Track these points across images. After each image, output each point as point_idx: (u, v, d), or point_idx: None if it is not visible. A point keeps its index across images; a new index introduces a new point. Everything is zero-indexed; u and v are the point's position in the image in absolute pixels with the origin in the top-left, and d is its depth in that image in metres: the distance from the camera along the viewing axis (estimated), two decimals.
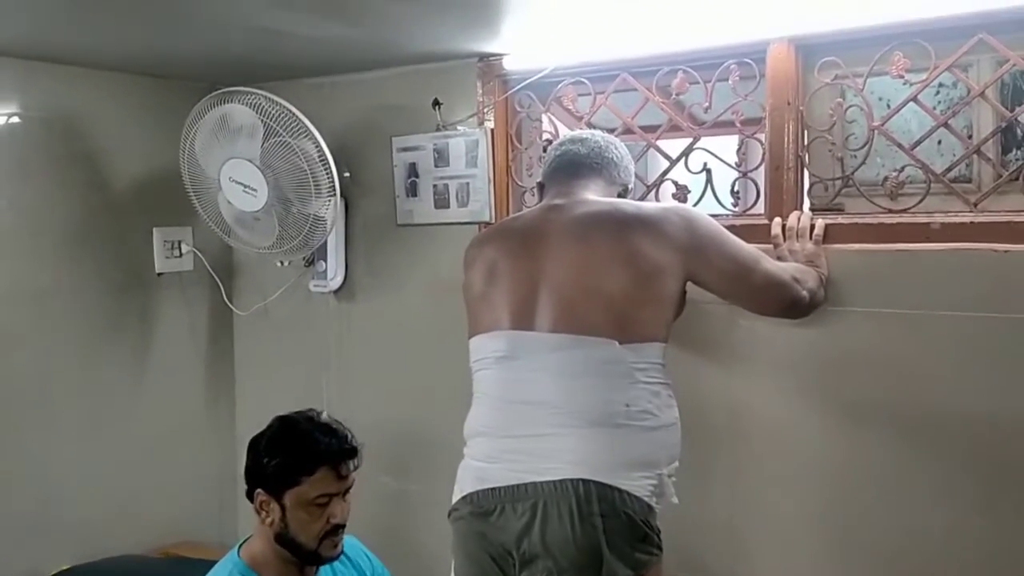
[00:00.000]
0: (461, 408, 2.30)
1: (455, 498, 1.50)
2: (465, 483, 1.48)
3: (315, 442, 1.71)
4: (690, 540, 1.89)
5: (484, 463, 1.46)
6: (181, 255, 2.65)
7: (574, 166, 1.68)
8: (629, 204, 1.56)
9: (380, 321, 2.49)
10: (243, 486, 1.78)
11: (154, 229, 2.59)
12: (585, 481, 1.36)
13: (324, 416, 1.83)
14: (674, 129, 2.03)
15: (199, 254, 2.66)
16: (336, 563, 1.81)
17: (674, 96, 1.99)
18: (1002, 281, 1.64)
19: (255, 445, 1.76)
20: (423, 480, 2.42)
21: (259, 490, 1.71)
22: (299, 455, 1.70)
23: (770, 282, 1.59)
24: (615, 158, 1.71)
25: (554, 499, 1.36)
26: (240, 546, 1.76)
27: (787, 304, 1.63)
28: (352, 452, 1.74)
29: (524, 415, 1.43)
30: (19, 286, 2.32)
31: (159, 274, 2.61)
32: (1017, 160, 1.71)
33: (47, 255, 2.37)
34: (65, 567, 2.37)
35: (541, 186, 1.75)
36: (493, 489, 1.42)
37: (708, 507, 1.91)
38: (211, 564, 2.41)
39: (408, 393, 2.45)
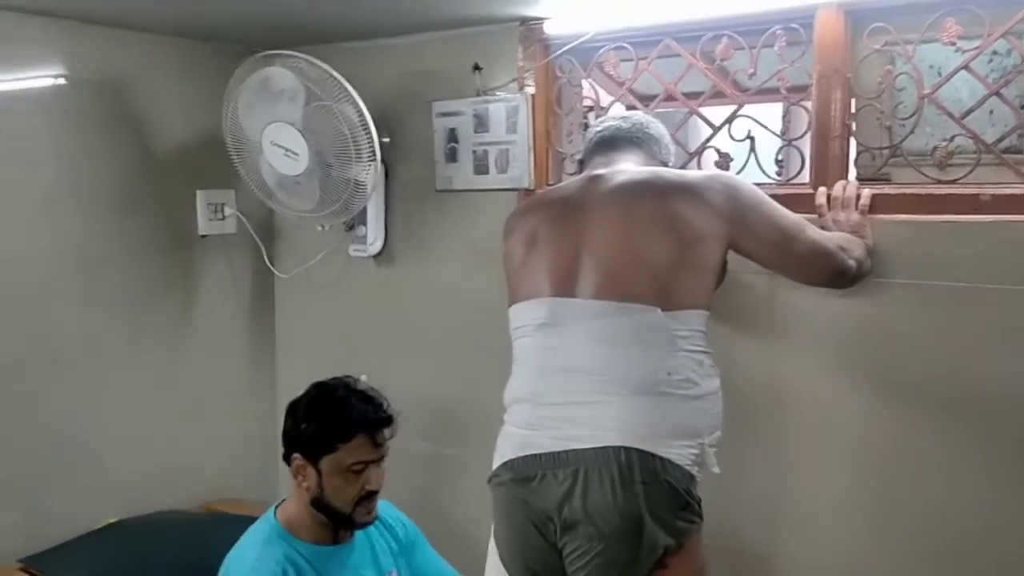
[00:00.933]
0: (498, 375, 2.31)
1: (495, 464, 1.51)
2: (506, 449, 1.49)
3: (352, 409, 1.73)
4: (726, 511, 1.88)
5: (525, 430, 1.46)
6: (224, 218, 2.67)
7: (615, 140, 1.68)
8: (671, 171, 1.55)
9: (419, 286, 2.50)
10: (282, 447, 1.81)
11: (197, 192, 2.62)
12: (627, 449, 1.36)
13: (362, 383, 1.84)
14: (717, 96, 2.00)
15: (242, 217, 2.69)
16: (371, 526, 1.83)
17: (718, 62, 1.96)
18: None
19: (293, 410, 1.78)
20: (459, 445, 2.44)
21: (296, 455, 1.73)
22: (336, 422, 1.71)
23: (815, 251, 1.57)
24: (656, 134, 1.72)
25: (595, 466, 1.37)
26: (276, 507, 1.79)
27: (832, 274, 1.61)
28: (388, 420, 1.76)
29: (566, 382, 1.43)
30: (67, 248, 2.36)
31: (202, 236, 2.64)
32: None
33: (93, 217, 2.41)
34: (113, 519, 2.44)
35: (581, 163, 1.75)
36: (534, 455, 1.43)
37: (745, 479, 1.90)
38: (252, 520, 2.48)
39: (446, 359, 2.47)
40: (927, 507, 1.76)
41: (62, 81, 2.33)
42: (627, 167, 1.58)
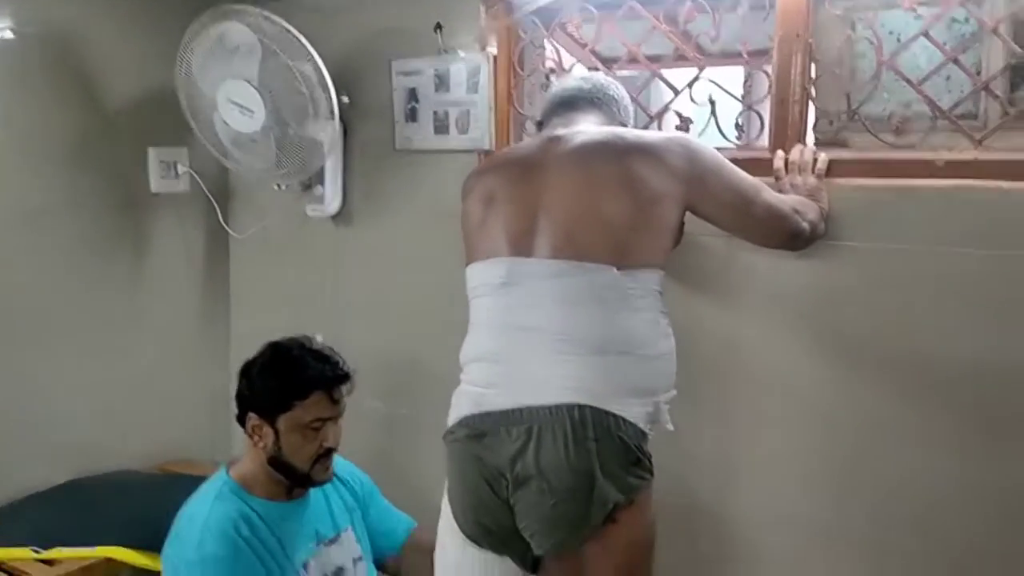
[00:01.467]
0: (455, 335, 2.30)
1: (451, 421, 1.51)
2: (462, 407, 1.49)
3: (308, 367, 1.71)
4: (678, 468, 1.91)
5: (481, 388, 1.46)
6: (177, 176, 2.62)
7: (575, 100, 1.68)
8: (630, 132, 1.55)
9: (377, 246, 2.48)
10: (236, 408, 1.79)
11: (149, 149, 2.56)
12: (581, 406, 1.37)
13: (317, 342, 1.83)
14: (680, 59, 2.00)
15: (195, 175, 2.63)
16: (327, 483, 1.83)
17: (681, 25, 1.96)
18: (1003, 219, 1.63)
19: (247, 371, 1.75)
20: (412, 405, 2.44)
21: (252, 414, 1.71)
22: (293, 380, 1.70)
23: (771, 213, 1.58)
24: (616, 95, 1.71)
25: (549, 423, 1.37)
26: (228, 466, 1.77)
27: (787, 236, 1.63)
28: (345, 377, 1.75)
29: (522, 341, 1.43)
30: (15, 205, 2.31)
31: (155, 194, 2.59)
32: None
33: (43, 174, 2.35)
34: (64, 480, 2.41)
35: (540, 124, 1.74)
36: (489, 413, 1.43)
37: (697, 437, 1.92)
38: (201, 479, 2.47)
39: (403, 319, 2.45)
40: (875, 466, 1.79)
41: (8, 34, 2.26)
42: (586, 128, 1.58)
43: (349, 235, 2.53)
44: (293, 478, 1.72)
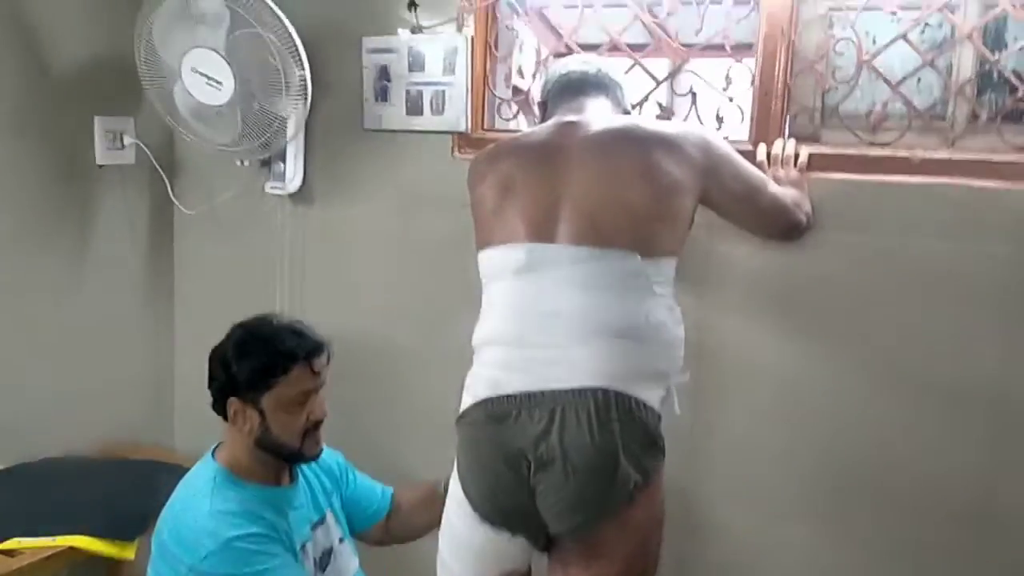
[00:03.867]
0: (419, 318, 2.32)
1: (465, 404, 1.51)
2: (478, 389, 1.49)
3: (283, 341, 1.67)
4: None
5: (499, 371, 1.47)
6: (123, 147, 2.51)
7: (582, 84, 1.69)
8: (648, 121, 1.57)
9: (340, 228, 2.43)
10: (180, 387, 1.73)
11: (95, 118, 2.44)
12: (604, 389, 1.40)
13: (283, 317, 1.78)
14: (659, 51, 2.03)
15: (143, 146, 2.52)
16: (306, 468, 1.80)
17: (665, 16, 1.99)
18: (972, 214, 1.74)
19: (220, 356, 1.69)
20: (370, 386, 2.42)
21: (232, 399, 1.66)
22: (271, 357, 1.65)
23: (775, 206, 1.64)
24: (619, 80, 1.75)
25: (572, 405, 1.39)
26: (213, 453, 1.72)
27: (787, 227, 1.70)
28: (323, 346, 1.71)
29: (543, 326, 1.44)
30: None
31: (100, 166, 2.47)
32: (991, 101, 1.81)
33: None
34: (2, 466, 2.29)
35: (543, 105, 1.74)
36: (509, 396, 1.43)
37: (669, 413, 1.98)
38: (152, 464, 2.41)
39: (365, 304, 2.42)
40: (843, 445, 1.89)
41: None
42: (600, 114, 1.59)
43: (310, 215, 2.47)
44: (283, 456, 1.68)
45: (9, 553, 1.89)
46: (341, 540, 1.82)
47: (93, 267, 2.50)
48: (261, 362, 1.64)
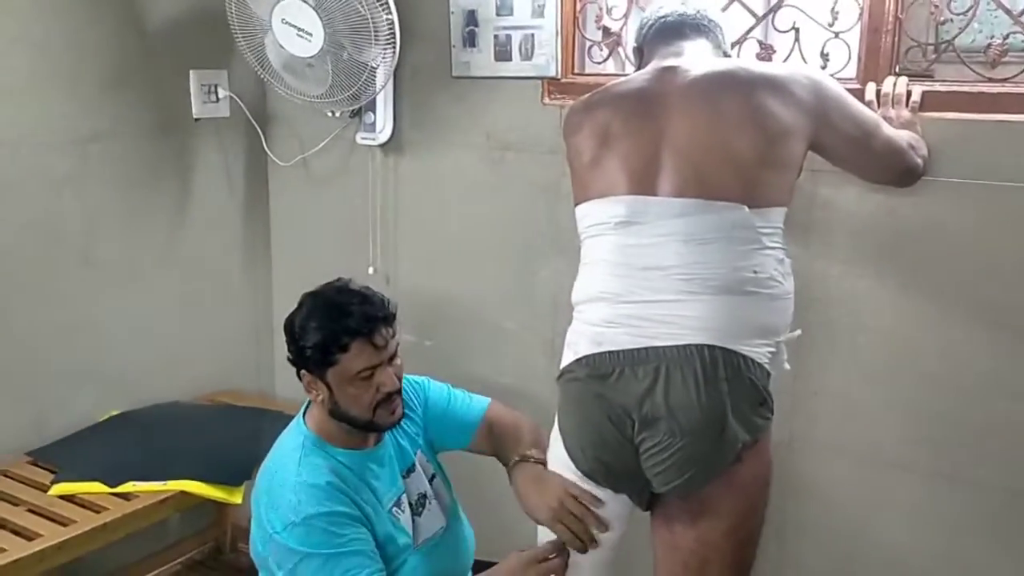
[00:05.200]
0: (505, 272, 2.30)
1: (567, 360, 1.49)
2: (580, 346, 1.47)
3: (344, 316, 1.60)
4: None
5: (602, 327, 1.44)
6: (218, 100, 2.54)
7: (680, 27, 1.60)
8: (754, 63, 1.50)
9: (429, 177, 2.43)
10: (279, 337, 1.72)
11: (191, 72, 2.47)
12: (711, 347, 1.36)
13: (354, 282, 1.71)
14: None
15: (237, 99, 2.55)
16: None
17: None
18: None
19: (289, 328, 1.66)
20: (465, 338, 2.43)
21: (303, 371, 1.64)
22: (329, 333, 1.60)
23: (889, 149, 1.56)
24: (718, 21, 1.65)
25: (677, 363, 1.36)
26: (304, 413, 1.72)
27: (902, 171, 1.61)
28: (385, 319, 1.64)
29: (646, 281, 1.40)
30: (59, 131, 2.24)
31: (196, 120, 2.51)
32: None
33: (84, 99, 2.27)
34: (115, 412, 2.39)
35: (639, 51, 1.68)
36: (612, 352, 1.41)
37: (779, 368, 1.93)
38: (254, 411, 2.49)
39: (456, 252, 2.42)
40: (951, 402, 1.81)
41: None
42: (700, 57, 1.53)
43: (400, 165, 2.47)
44: (358, 427, 1.67)
45: (124, 496, 1.99)
46: (433, 478, 1.82)
47: (193, 219, 2.57)
48: (321, 338, 1.60)
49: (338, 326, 1.59)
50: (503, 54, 2.21)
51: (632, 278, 1.42)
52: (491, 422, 1.84)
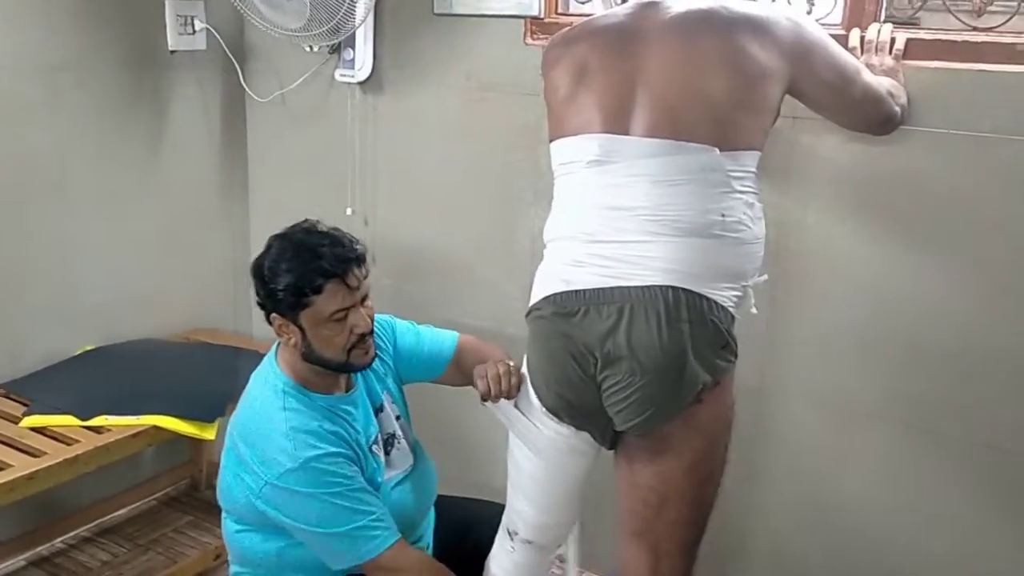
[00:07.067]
0: (483, 215, 2.29)
1: (535, 299, 1.49)
2: (547, 284, 1.46)
3: (316, 257, 1.59)
4: None
5: (570, 266, 1.43)
6: (194, 32, 2.49)
7: None
8: (737, 4, 1.46)
9: (409, 116, 2.39)
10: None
11: (166, 1, 2.42)
12: (675, 288, 1.36)
13: (322, 224, 1.68)
14: None
15: (213, 31, 2.50)
16: None
17: None
18: None
19: (258, 271, 1.63)
20: (443, 281, 2.43)
21: (274, 315, 1.62)
22: (302, 275, 1.58)
23: (868, 96, 1.54)
24: None
25: (641, 303, 1.36)
26: (276, 356, 1.70)
27: (881, 119, 1.60)
28: (356, 260, 1.62)
29: (614, 221, 1.39)
30: (31, 59, 2.19)
31: (172, 52, 2.46)
32: None
33: (58, 26, 2.22)
34: (90, 347, 2.38)
35: None
36: (577, 291, 1.41)
37: (745, 316, 1.94)
38: (229, 349, 2.47)
39: (434, 193, 2.40)
40: (924, 347, 1.82)
41: None
42: None
43: (379, 103, 2.43)
44: (332, 368, 1.66)
45: (96, 430, 1.98)
46: (398, 418, 1.82)
47: (169, 154, 2.53)
48: (293, 280, 1.58)
49: (311, 267, 1.57)
50: None
51: (601, 217, 1.41)
52: (460, 354, 1.85)
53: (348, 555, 1.58)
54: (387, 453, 1.74)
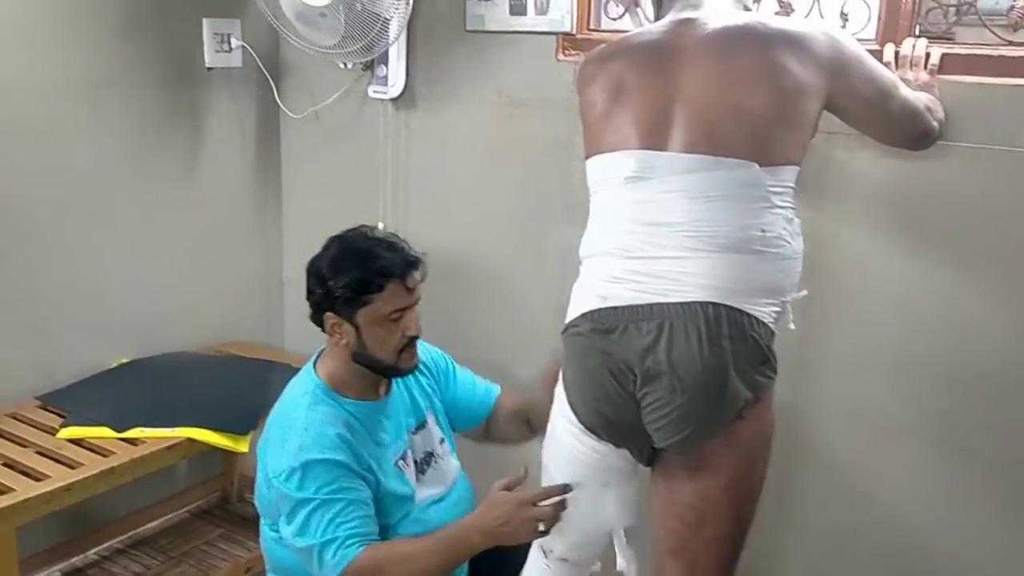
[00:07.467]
0: (516, 230, 2.29)
1: (571, 315, 1.48)
2: (585, 301, 1.46)
3: (379, 258, 1.64)
4: None
5: (607, 283, 1.43)
6: (231, 50, 2.53)
7: None
8: (772, 18, 1.46)
9: (441, 133, 2.41)
10: (289, 290, 1.73)
11: (204, 20, 2.46)
12: (715, 304, 1.35)
13: (379, 230, 1.75)
14: None
15: (249, 49, 2.54)
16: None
17: None
18: None
19: (316, 270, 1.67)
20: (476, 295, 2.43)
21: (329, 313, 1.66)
22: (366, 273, 1.63)
23: (906, 111, 1.53)
24: None
25: (681, 320, 1.35)
26: (315, 362, 1.74)
27: (918, 134, 1.59)
28: (417, 262, 1.69)
29: (653, 237, 1.39)
30: (72, 77, 2.24)
31: (209, 69, 2.51)
32: None
33: (98, 44, 2.27)
34: (125, 359, 2.41)
35: (658, 4, 1.65)
36: (616, 308, 1.40)
37: (781, 329, 1.92)
38: (262, 363, 2.50)
39: (466, 208, 2.41)
40: (959, 369, 1.80)
41: None
42: (718, 11, 1.50)
43: (412, 120, 2.45)
44: (380, 371, 1.69)
45: (132, 442, 2.01)
46: (442, 441, 1.84)
47: (205, 169, 2.57)
48: (356, 278, 1.63)
49: (375, 267, 1.63)
50: (518, 8, 2.19)
51: (639, 234, 1.41)
52: (503, 406, 1.91)
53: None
54: (422, 472, 1.75)
